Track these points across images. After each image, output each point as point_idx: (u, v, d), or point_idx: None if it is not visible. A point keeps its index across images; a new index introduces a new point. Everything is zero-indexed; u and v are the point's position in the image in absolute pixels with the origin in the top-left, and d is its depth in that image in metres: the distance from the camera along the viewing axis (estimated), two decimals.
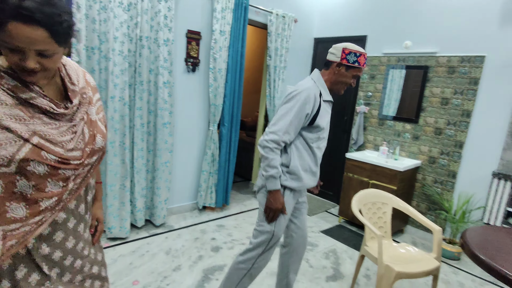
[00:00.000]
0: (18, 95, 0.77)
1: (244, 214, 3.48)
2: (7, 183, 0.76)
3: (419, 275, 1.91)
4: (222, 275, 2.30)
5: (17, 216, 0.78)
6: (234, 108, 3.31)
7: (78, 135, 0.88)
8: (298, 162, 1.63)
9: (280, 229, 1.67)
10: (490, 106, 2.95)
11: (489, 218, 2.78)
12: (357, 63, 1.59)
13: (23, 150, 0.76)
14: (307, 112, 1.56)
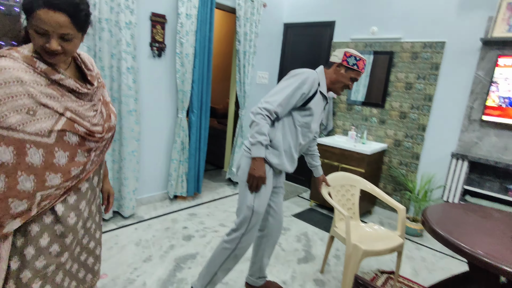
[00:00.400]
0: (49, 76, 0.91)
1: (216, 202, 3.46)
2: (48, 153, 0.90)
3: (384, 252, 2.00)
4: (195, 263, 2.29)
5: (54, 184, 0.93)
6: (203, 95, 3.24)
7: (98, 112, 1.04)
8: (281, 139, 1.69)
9: (260, 205, 1.67)
10: (450, 90, 3.09)
11: (448, 196, 2.95)
12: (356, 66, 1.68)
13: (60, 123, 0.91)
14: (303, 92, 1.62)
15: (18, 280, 0.95)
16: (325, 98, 1.77)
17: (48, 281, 1.01)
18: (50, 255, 1.00)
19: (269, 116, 1.59)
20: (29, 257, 0.95)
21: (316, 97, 1.68)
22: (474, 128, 2.98)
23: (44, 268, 0.99)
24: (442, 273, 2.47)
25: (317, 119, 1.77)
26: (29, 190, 0.89)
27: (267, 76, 4.18)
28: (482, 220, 1.84)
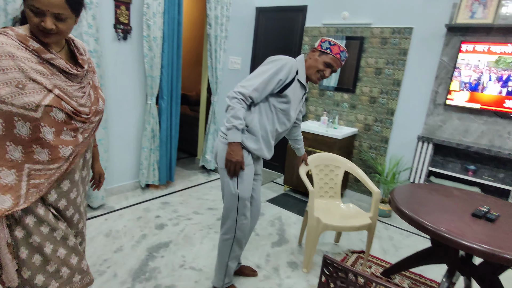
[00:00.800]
0: (41, 55, 0.95)
1: (190, 189, 3.42)
2: (34, 127, 0.93)
3: (348, 229, 2.10)
4: (168, 251, 2.26)
5: (41, 159, 0.97)
6: (173, 80, 3.13)
7: (86, 94, 1.08)
8: (258, 125, 1.66)
9: (244, 189, 1.66)
10: (417, 75, 3.19)
11: (414, 178, 3.09)
12: (329, 50, 1.65)
13: (47, 98, 0.94)
14: (280, 78, 1.60)
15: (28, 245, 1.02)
16: (303, 87, 1.75)
17: (57, 244, 1.09)
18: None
19: (244, 100, 1.57)
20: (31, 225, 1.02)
21: (293, 85, 1.67)
22: (439, 112, 3.10)
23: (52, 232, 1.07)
24: (408, 250, 2.60)
25: (295, 107, 1.75)
26: (17, 159, 0.94)
27: (240, 62, 4.12)
28: (444, 199, 1.94)
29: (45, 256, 1.05)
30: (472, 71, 2.82)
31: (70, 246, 1.13)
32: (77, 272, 1.16)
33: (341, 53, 1.67)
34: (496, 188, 2.82)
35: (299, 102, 1.79)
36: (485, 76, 2.78)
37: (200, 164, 3.95)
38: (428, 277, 2.25)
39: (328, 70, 1.69)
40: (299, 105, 1.80)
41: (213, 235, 2.54)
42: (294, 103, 1.71)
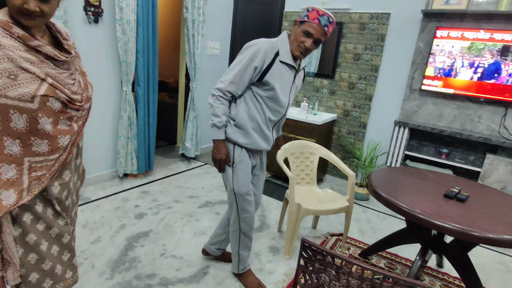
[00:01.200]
0: (27, 42, 0.90)
1: (170, 178, 3.37)
2: (31, 119, 0.90)
3: (327, 212, 2.14)
4: (148, 241, 2.23)
5: (41, 151, 0.95)
6: (149, 66, 3.03)
7: (77, 81, 1.04)
8: (246, 117, 1.57)
9: (239, 184, 1.64)
10: (394, 61, 3.23)
11: (391, 162, 3.17)
12: (306, 17, 1.45)
13: (42, 88, 0.90)
14: (255, 65, 1.48)
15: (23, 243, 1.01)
16: (291, 67, 1.58)
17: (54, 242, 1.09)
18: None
19: (222, 96, 1.52)
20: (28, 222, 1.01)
21: (274, 68, 1.51)
22: (415, 97, 3.18)
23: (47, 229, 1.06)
24: (385, 232, 2.69)
25: (286, 91, 1.60)
26: (16, 154, 0.91)
27: (219, 47, 4.03)
28: (418, 181, 2.00)
29: (41, 254, 1.05)
30: (446, 57, 2.89)
31: (64, 243, 1.13)
32: (68, 268, 1.18)
33: (320, 18, 1.43)
34: (467, 170, 2.94)
35: (290, 84, 1.62)
36: (458, 62, 2.85)
37: (180, 152, 3.90)
38: (403, 257, 2.35)
39: (308, 40, 1.47)
40: (292, 87, 1.63)
41: (194, 223, 2.52)
42: (282, 88, 1.56)
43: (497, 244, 1.43)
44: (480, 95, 2.80)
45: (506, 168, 2.64)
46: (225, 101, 1.54)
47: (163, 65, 5.73)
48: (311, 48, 1.50)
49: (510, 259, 2.48)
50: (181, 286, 1.84)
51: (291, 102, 1.68)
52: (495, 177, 2.69)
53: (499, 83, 2.72)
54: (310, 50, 1.51)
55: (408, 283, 0.89)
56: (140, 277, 1.88)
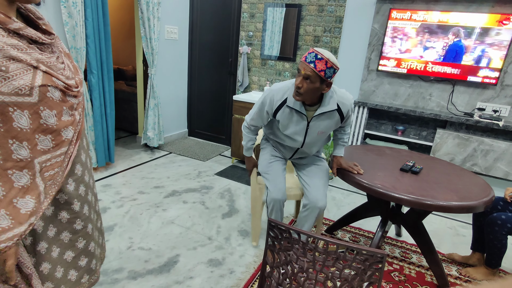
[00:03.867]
0: (7, 26, 0.77)
1: (133, 169, 3.26)
2: (33, 114, 0.80)
3: (292, 197, 2.11)
4: (113, 235, 2.15)
5: (46, 148, 0.85)
6: (102, 52, 2.85)
7: (66, 65, 0.93)
8: (269, 134, 1.98)
9: (271, 187, 1.86)
10: (352, 42, 3.32)
11: (352, 141, 3.30)
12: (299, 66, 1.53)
13: (38, 77, 0.80)
14: (266, 110, 1.75)
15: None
16: (298, 112, 1.64)
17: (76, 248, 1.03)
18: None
19: (247, 127, 1.93)
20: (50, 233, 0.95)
21: (283, 111, 1.69)
22: (372, 77, 3.30)
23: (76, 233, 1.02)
24: (349, 208, 2.82)
25: (298, 132, 1.72)
26: (27, 158, 0.81)
27: (177, 31, 3.88)
28: (377, 158, 2.10)
29: (53, 262, 0.96)
30: (400, 37, 3.01)
31: (79, 248, 1.05)
32: (86, 273, 1.10)
33: (308, 55, 1.47)
34: (420, 145, 3.15)
35: (304, 127, 1.69)
36: (411, 42, 2.99)
37: (142, 142, 3.76)
38: (366, 229, 2.49)
39: (298, 78, 1.50)
40: (309, 130, 1.71)
41: (161, 213, 2.47)
42: (294, 128, 1.72)
43: (447, 210, 1.55)
44: (431, 74, 2.98)
45: (454, 141, 2.85)
46: (250, 131, 1.94)
47: (118, 51, 5.42)
48: (301, 85, 1.49)
49: (459, 224, 2.72)
50: (151, 278, 1.81)
51: (312, 140, 1.79)
52: (444, 150, 2.90)
53: (447, 62, 2.90)
54: (302, 89, 1.50)
55: (369, 252, 0.94)
56: (106, 272, 1.82)
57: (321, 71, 1.45)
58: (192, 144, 4.20)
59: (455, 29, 2.81)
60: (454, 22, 2.79)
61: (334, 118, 1.69)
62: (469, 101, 2.99)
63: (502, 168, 2.73)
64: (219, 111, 4.19)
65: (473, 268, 2.06)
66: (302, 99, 1.57)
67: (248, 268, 1.96)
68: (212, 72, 4.11)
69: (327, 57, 1.44)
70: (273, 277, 1.10)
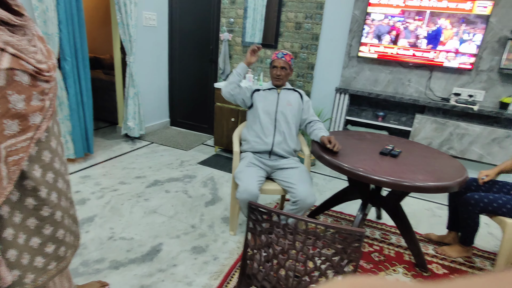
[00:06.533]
0: None
1: (113, 160, 3.18)
2: (1, 99, 0.77)
3: (271, 192, 2.03)
4: (93, 226, 2.11)
5: (12, 132, 0.82)
6: (76, 39, 2.73)
7: (38, 48, 0.89)
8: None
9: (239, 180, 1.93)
10: (333, 29, 3.32)
11: (334, 127, 3.34)
12: (271, 60, 2.15)
13: (5, 60, 0.76)
14: (247, 88, 2.17)
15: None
16: (271, 89, 2.17)
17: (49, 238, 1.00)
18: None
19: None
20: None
21: (257, 94, 2.17)
22: (353, 64, 3.32)
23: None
24: (330, 193, 2.85)
25: (271, 101, 2.13)
26: None
27: (155, 18, 3.77)
28: (358, 142, 2.13)
29: (19, 249, 0.94)
30: (380, 24, 3.03)
31: (45, 235, 1.01)
32: (53, 260, 1.06)
33: (277, 54, 2.09)
34: (400, 130, 3.21)
35: (275, 97, 2.14)
36: (390, 28, 3.02)
37: (123, 133, 3.67)
38: (347, 213, 2.54)
39: (277, 69, 2.08)
40: (281, 99, 2.14)
41: (143, 203, 2.44)
42: (267, 100, 2.14)
43: (424, 191, 1.60)
44: (409, 60, 3.02)
45: (432, 126, 2.93)
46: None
47: (95, 39, 5.23)
48: (280, 73, 2.08)
49: (436, 205, 2.82)
50: (133, 267, 1.79)
51: (283, 110, 2.11)
52: (422, 135, 2.98)
53: (425, 48, 2.94)
54: (281, 76, 2.09)
55: (348, 231, 0.96)
56: (87, 263, 1.79)
57: (289, 61, 2.10)
58: (174, 133, 4.13)
59: (434, 14, 2.85)
60: (435, 7, 2.83)
61: (295, 94, 2.18)
62: (446, 86, 3.06)
63: (476, 151, 2.83)
64: (201, 99, 4.13)
65: (449, 246, 2.15)
66: (281, 83, 2.14)
67: (231, 254, 1.97)
68: (193, 60, 4.03)
69: (289, 52, 2.19)
70: (255, 259, 1.11)
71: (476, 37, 2.77)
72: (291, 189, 1.88)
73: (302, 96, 2.19)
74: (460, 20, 2.78)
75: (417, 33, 2.93)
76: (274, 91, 2.15)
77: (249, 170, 1.95)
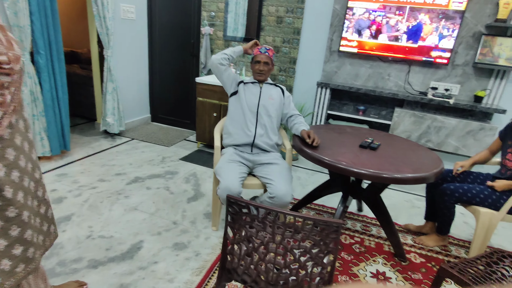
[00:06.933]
0: None
1: (92, 157, 3.09)
2: None
3: (251, 186, 2.01)
4: (70, 225, 2.04)
5: None
6: (49, 31, 2.62)
7: None
8: None
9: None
10: (314, 23, 3.32)
11: (316, 122, 3.36)
12: (253, 55, 2.11)
13: None
14: (234, 77, 2.17)
15: None
16: (254, 83, 2.14)
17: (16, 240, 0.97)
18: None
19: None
20: None
21: (242, 85, 2.13)
22: (334, 58, 3.35)
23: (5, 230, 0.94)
24: (313, 186, 2.87)
25: (254, 93, 2.12)
26: None
27: (134, 10, 3.67)
28: (338, 136, 2.15)
29: None
30: (360, 18, 3.06)
31: (12, 236, 0.96)
32: (21, 262, 1.01)
33: (260, 49, 2.07)
34: (380, 124, 3.27)
35: (257, 91, 2.12)
36: (370, 23, 3.05)
37: (102, 129, 3.58)
38: (329, 206, 2.57)
39: (259, 65, 2.05)
40: (263, 93, 2.12)
41: (123, 200, 2.39)
42: (250, 93, 2.12)
43: (402, 182, 1.63)
44: (389, 54, 3.07)
45: (410, 119, 2.99)
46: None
47: (71, 33, 5.05)
48: (263, 69, 2.06)
49: (414, 197, 2.90)
50: (112, 265, 1.75)
51: (265, 104, 2.09)
52: (402, 128, 3.04)
53: (404, 43, 3.00)
54: (264, 71, 2.06)
55: (325, 223, 0.96)
56: (64, 263, 1.73)
57: (271, 56, 2.09)
58: (155, 129, 4.06)
59: (413, 9, 2.90)
60: (413, 2, 2.88)
61: (277, 89, 2.18)
62: (424, 80, 3.13)
63: (452, 143, 2.92)
64: (183, 94, 4.07)
65: (426, 236, 2.21)
66: (264, 79, 2.12)
67: (214, 249, 1.96)
68: (174, 54, 3.96)
69: (271, 47, 2.13)
70: (235, 253, 1.10)
71: (456, 32, 2.84)
72: (269, 186, 1.87)
73: (284, 91, 2.19)
74: (439, 16, 2.85)
75: (398, 28, 2.98)
76: (256, 85, 2.15)
77: (230, 166, 1.93)
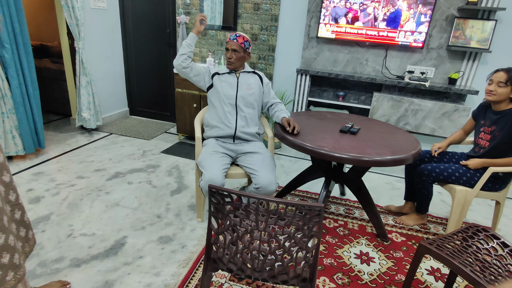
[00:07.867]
0: None
1: (69, 154, 2.99)
2: None
3: (239, 175, 2.01)
4: (49, 224, 1.98)
5: None
6: (14, 23, 2.48)
7: None
8: None
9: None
10: (291, 9, 3.29)
11: (297, 109, 3.37)
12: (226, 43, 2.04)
13: None
14: (208, 68, 2.11)
15: None
16: (230, 73, 2.08)
17: None
18: None
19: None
20: None
21: (217, 77, 2.08)
22: (313, 45, 3.34)
23: None
24: (296, 173, 2.90)
25: (231, 84, 2.06)
26: None
27: (105, 0, 3.51)
28: (319, 122, 2.17)
29: None
30: (337, 3, 3.06)
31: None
32: (10, 270, 0.99)
33: (230, 36, 2.00)
34: (360, 109, 3.32)
35: (234, 82, 2.07)
36: (346, 8, 3.05)
37: (78, 124, 3.45)
38: (313, 191, 2.61)
39: (228, 52, 1.99)
40: (241, 83, 2.07)
41: (104, 197, 2.33)
42: (227, 84, 2.06)
43: (381, 165, 1.67)
44: (366, 39, 3.09)
45: (388, 103, 3.05)
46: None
47: (41, 25, 4.80)
48: (231, 56, 1.98)
49: (395, 179, 2.98)
50: (96, 263, 1.72)
51: (244, 95, 2.05)
52: (381, 112, 3.10)
53: (381, 27, 3.02)
54: (232, 59, 1.98)
55: (307, 207, 0.97)
56: (45, 263, 1.68)
57: (242, 44, 1.98)
58: (134, 123, 3.96)
59: None
60: None
61: (255, 77, 2.12)
62: (400, 64, 3.19)
63: (429, 125, 3.01)
64: (161, 86, 3.98)
65: (406, 215, 2.29)
66: (233, 67, 2.05)
67: (200, 240, 1.95)
68: (149, 44, 3.84)
69: (243, 34, 2.02)
70: (219, 242, 1.10)
71: (429, 16, 2.88)
72: (254, 176, 1.87)
73: (262, 79, 2.14)
74: (417, 1, 2.88)
75: (376, 15, 3.00)
76: (233, 75, 2.08)
77: (212, 157, 1.91)
